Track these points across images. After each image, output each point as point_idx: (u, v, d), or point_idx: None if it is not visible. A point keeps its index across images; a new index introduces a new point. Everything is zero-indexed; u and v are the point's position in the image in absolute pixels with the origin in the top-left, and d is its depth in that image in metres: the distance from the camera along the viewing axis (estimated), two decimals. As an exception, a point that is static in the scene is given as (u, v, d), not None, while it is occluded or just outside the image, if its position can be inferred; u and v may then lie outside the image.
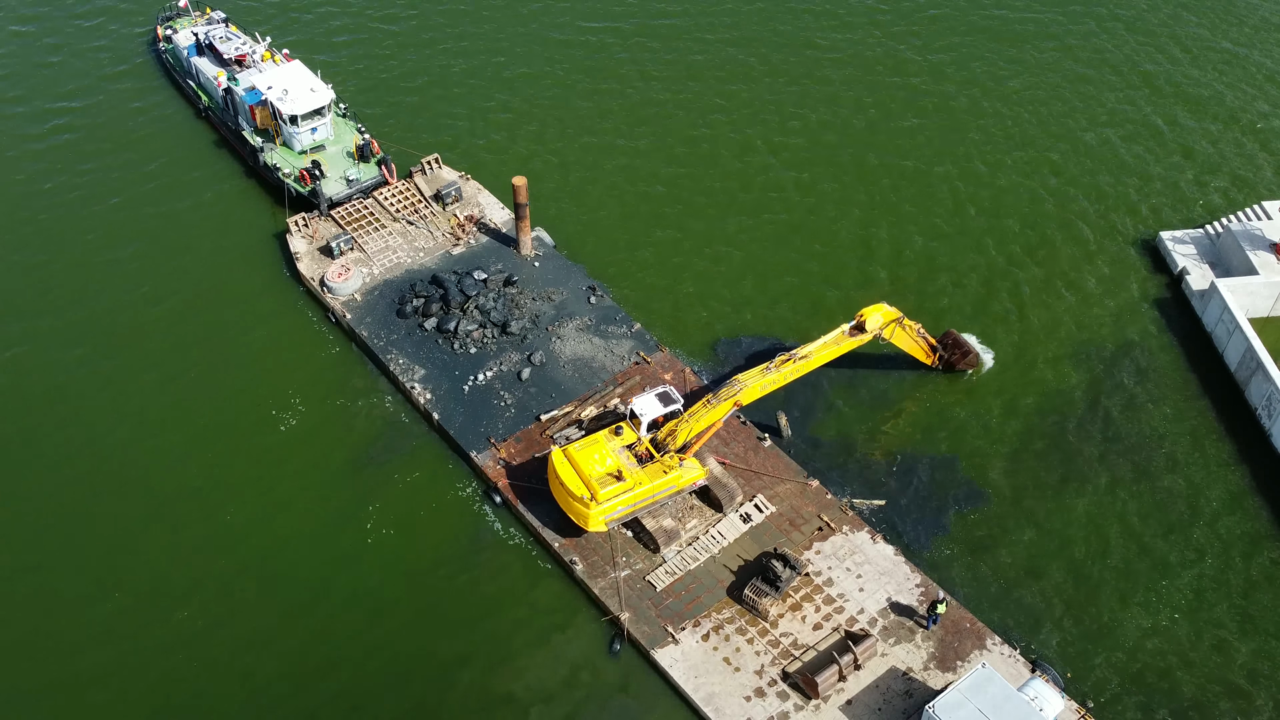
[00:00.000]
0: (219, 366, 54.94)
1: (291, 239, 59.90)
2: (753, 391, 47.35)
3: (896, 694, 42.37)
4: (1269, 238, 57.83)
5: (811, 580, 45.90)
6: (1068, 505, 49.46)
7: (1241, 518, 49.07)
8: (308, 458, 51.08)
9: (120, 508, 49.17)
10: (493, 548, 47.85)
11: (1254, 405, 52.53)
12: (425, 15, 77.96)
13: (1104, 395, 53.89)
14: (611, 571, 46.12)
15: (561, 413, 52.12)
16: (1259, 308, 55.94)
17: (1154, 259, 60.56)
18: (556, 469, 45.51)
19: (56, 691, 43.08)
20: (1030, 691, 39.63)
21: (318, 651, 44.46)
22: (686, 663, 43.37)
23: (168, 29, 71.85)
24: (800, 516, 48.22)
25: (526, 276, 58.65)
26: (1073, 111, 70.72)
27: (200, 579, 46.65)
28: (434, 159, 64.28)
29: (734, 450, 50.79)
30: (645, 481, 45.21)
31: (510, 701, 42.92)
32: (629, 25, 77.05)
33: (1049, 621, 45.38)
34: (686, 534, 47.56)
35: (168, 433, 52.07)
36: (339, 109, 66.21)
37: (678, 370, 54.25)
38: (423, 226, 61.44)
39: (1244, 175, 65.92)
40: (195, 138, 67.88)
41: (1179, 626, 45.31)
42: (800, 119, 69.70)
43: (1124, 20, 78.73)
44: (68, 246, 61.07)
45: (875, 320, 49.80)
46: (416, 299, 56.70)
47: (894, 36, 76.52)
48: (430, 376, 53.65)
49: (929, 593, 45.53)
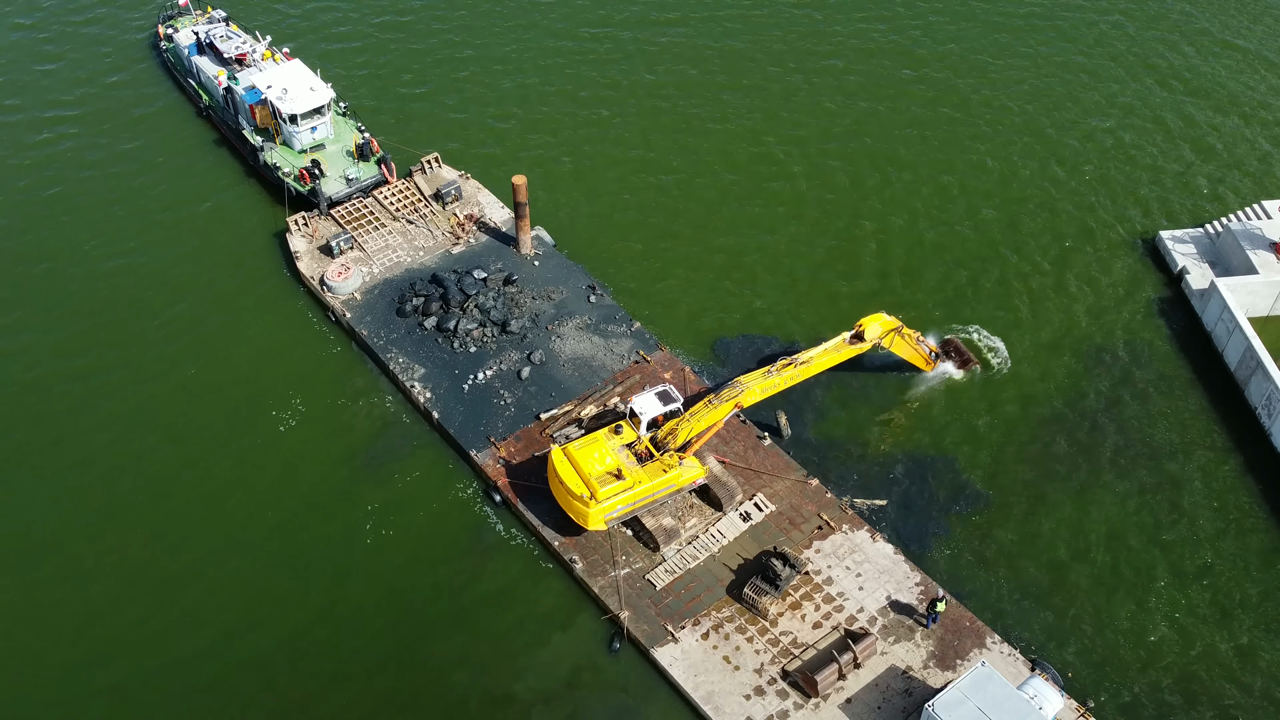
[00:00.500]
0: (219, 366, 54.93)
1: (291, 238, 59.90)
2: (753, 394, 47.51)
3: (896, 692, 42.38)
4: (1269, 237, 57.83)
5: (811, 579, 45.92)
6: (1067, 505, 49.48)
7: (1241, 516, 49.08)
8: (308, 458, 51.07)
9: (121, 508, 49.16)
10: (494, 548, 47.90)
11: (1254, 404, 52.56)
12: (426, 14, 77.94)
13: (1103, 395, 53.89)
14: (611, 570, 46.15)
15: (561, 411, 52.14)
16: (1259, 307, 55.97)
17: (1154, 258, 60.56)
18: (556, 468, 45.53)
19: (60, 703, 42.90)
20: (1030, 690, 39.64)
21: (318, 652, 44.48)
22: (686, 661, 43.39)
23: (169, 28, 71.83)
24: (800, 515, 48.24)
25: (526, 275, 58.64)
26: (1073, 110, 70.70)
27: (200, 580, 46.62)
28: (434, 158, 64.29)
29: (734, 449, 50.80)
30: (645, 480, 45.22)
31: (511, 702, 42.92)
32: (632, 25, 77.02)
33: (1049, 622, 45.38)
34: (686, 533, 47.58)
35: (168, 434, 52.02)
36: (339, 108, 66.19)
37: (677, 369, 54.26)
38: (422, 225, 61.44)
39: (1243, 174, 65.88)
40: (196, 137, 67.87)
41: (1179, 626, 45.36)
42: (805, 119, 69.60)
43: (1129, 16, 78.62)
44: (68, 247, 60.99)
45: (874, 329, 50.24)
46: (416, 298, 56.68)
47: (900, 34, 76.40)
48: (430, 375, 53.66)
49: (928, 591, 45.54)
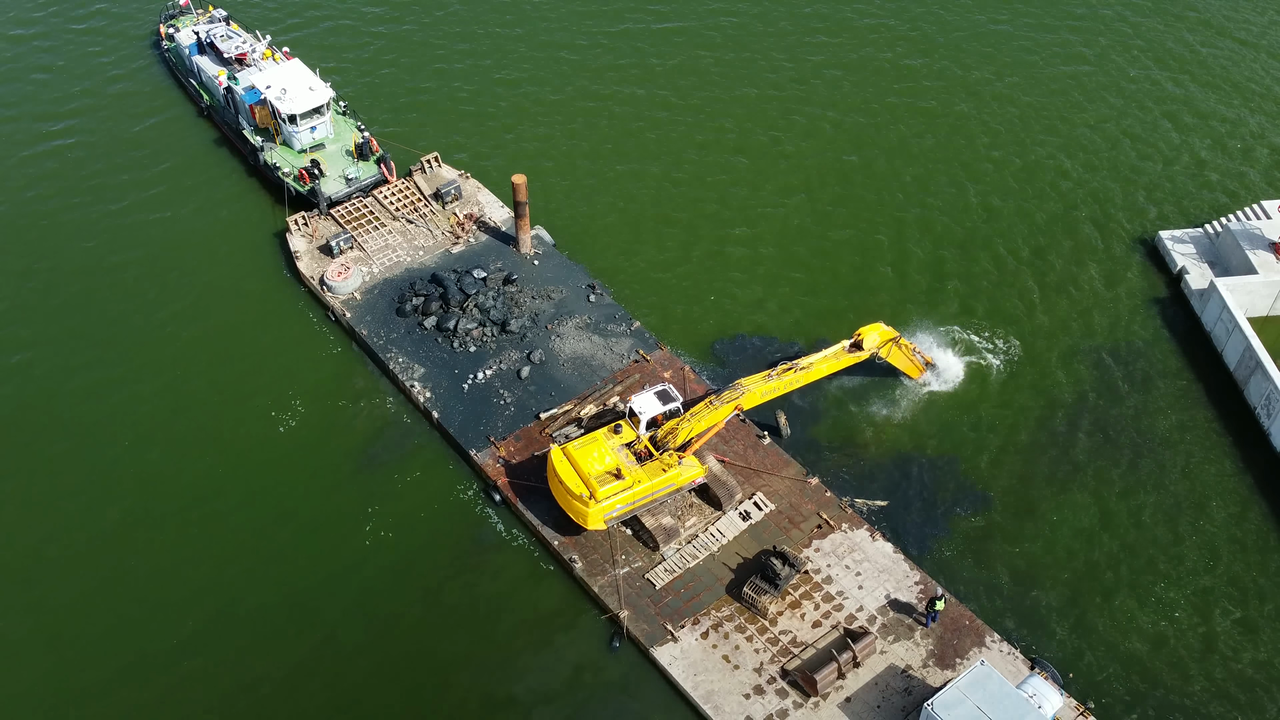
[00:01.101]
0: (219, 367, 54.91)
1: (291, 238, 59.95)
2: (754, 396, 47.66)
3: (895, 691, 42.41)
4: (1268, 237, 57.82)
5: (810, 578, 45.96)
6: (1067, 505, 49.52)
7: (1241, 516, 49.17)
8: (307, 459, 51.02)
9: (120, 509, 49.14)
10: (494, 549, 47.86)
11: (1253, 404, 52.62)
12: (425, 14, 78.04)
13: (1103, 395, 53.94)
14: (611, 570, 46.18)
15: (561, 411, 52.17)
16: (1258, 307, 56.04)
17: (1153, 258, 60.60)
18: (556, 467, 45.55)
19: (60, 702, 42.95)
20: (1029, 689, 39.68)
21: (319, 654, 44.38)
22: (686, 660, 43.42)
23: (170, 27, 71.89)
24: (799, 514, 48.28)
25: (526, 275, 58.67)
26: (1072, 108, 70.75)
27: (201, 581, 46.59)
28: (433, 157, 64.33)
29: (733, 448, 50.84)
30: (644, 479, 45.24)
31: (511, 705, 42.87)
32: (635, 25, 77.04)
33: (1049, 622, 45.39)
34: (685, 532, 47.62)
35: (168, 435, 51.99)
36: (338, 107, 66.23)
37: (677, 368, 54.30)
38: (422, 225, 61.48)
39: (1243, 174, 65.94)
40: (197, 137, 67.92)
41: (1180, 626, 45.38)
42: (806, 119, 69.62)
43: (1134, 11, 78.70)
44: (68, 245, 61.07)
45: (873, 339, 50.59)
46: (416, 297, 56.71)
47: (901, 37, 76.60)
48: (430, 375, 53.69)
49: (928, 590, 45.58)
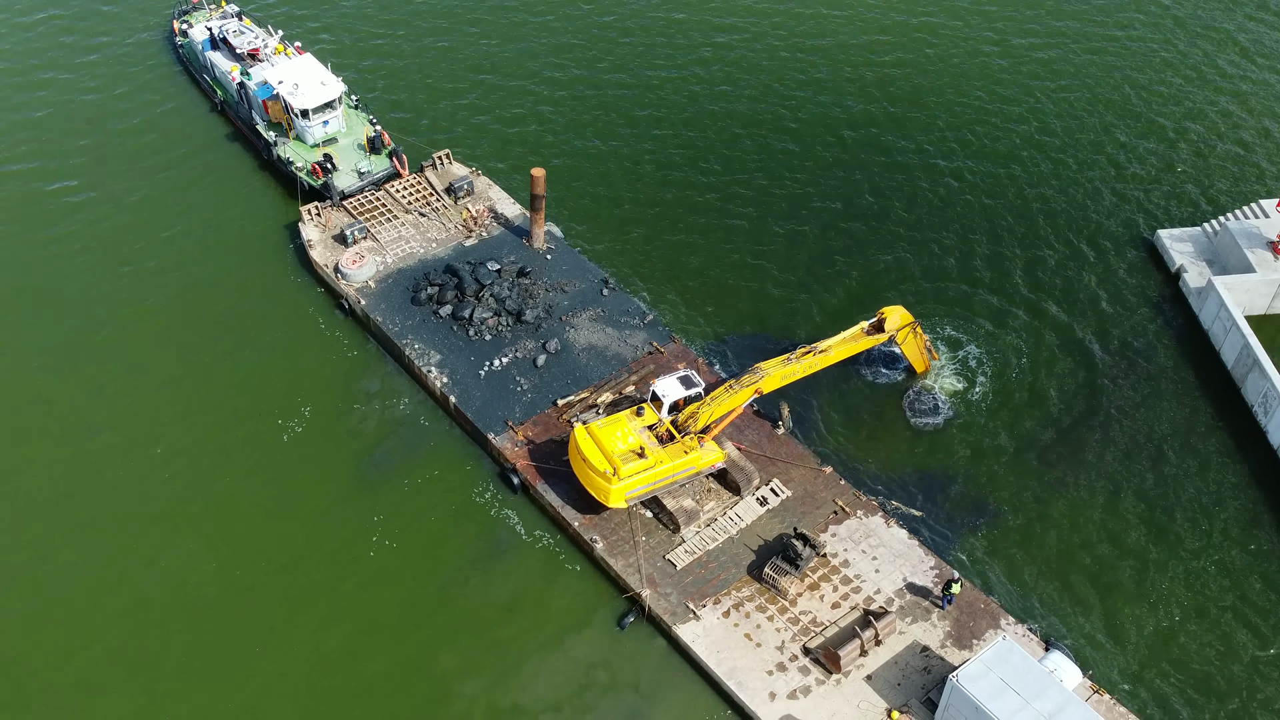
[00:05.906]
0: (227, 363, 54.58)
1: (304, 227, 60.10)
2: (774, 380, 48.15)
3: (915, 669, 42.98)
4: (1266, 235, 58.67)
5: (828, 561, 46.53)
6: (1065, 505, 49.88)
7: (1239, 513, 49.78)
8: (317, 460, 50.53)
9: (121, 510, 48.52)
10: (509, 548, 47.56)
11: (1251, 402, 53.45)
12: (437, 9, 78.56)
13: (1102, 394, 54.59)
14: (632, 551, 46.53)
15: (578, 398, 52.59)
16: (1256, 305, 57.03)
17: (1151, 256, 61.63)
18: (579, 444, 45.91)
19: (62, 693, 42.42)
20: (1050, 663, 40.36)
21: (324, 656, 43.90)
22: (708, 638, 43.82)
23: (183, 23, 72.12)
24: (815, 501, 48.88)
25: (539, 268, 59.19)
26: (1072, 108, 71.81)
27: (201, 582, 46.09)
28: (445, 154, 64.77)
29: (748, 437, 51.41)
30: (666, 460, 45.69)
31: (517, 712, 42.59)
32: (647, 24, 77.88)
33: (1062, 624, 45.68)
34: (704, 516, 48.08)
35: (171, 435, 51.44)
36: (350, 100, 66.60)
37: (690, 360, 54.83)
38: (435, 218, 61.90)
39: (1242, 173, 66.90)
40: (211, 132, 68.04)
41: (1183, 624, 45.78)
42: (808, 120, 70.47)
43: (1135, 10, 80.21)
44: (79, 241, 60.76)
45: (894, 320, 50.70)
46: (431, 286, 57.02)
47: (904, 33, 77.77)
48: (446, 361, 53.99)
49: (943, 574, 46.21)
